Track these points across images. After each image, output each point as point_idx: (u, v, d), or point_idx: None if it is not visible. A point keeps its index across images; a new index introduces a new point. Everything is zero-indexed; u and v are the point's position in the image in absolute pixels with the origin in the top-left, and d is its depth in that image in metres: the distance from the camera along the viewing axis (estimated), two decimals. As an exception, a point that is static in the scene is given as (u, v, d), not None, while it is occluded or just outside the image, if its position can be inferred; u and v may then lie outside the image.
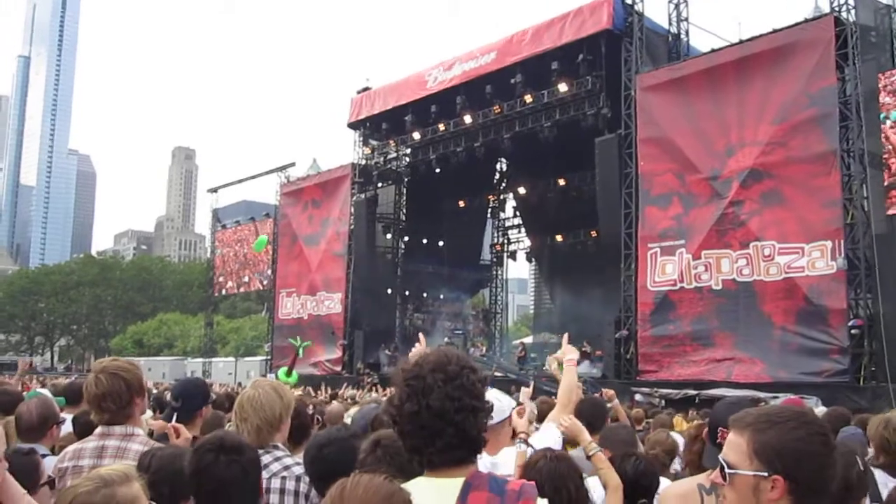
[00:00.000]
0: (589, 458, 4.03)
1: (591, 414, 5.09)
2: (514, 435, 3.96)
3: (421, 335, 4.63)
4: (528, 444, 3.86)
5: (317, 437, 3.85)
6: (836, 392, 18.72)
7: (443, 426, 2.23)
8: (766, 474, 2.01)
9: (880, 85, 20.75)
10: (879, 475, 3.99)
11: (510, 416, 3.97)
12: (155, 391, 12.35)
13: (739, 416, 2.15)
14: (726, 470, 2.09)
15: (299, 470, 3.56)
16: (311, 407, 5.72)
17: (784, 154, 21.87)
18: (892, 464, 4.09)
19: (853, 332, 20.21)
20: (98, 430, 3.82)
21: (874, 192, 20.72)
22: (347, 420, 7.13)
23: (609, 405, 7.33)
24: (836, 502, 2.97)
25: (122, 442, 3.72)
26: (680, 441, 6.13)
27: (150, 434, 4.21)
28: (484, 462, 3.24)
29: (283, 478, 3.51)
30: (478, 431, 2.31)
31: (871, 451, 4.48)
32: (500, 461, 3.70)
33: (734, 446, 2.11)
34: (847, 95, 21.02)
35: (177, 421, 4.32)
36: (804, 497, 2.00)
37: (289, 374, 11.67)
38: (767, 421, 2.08)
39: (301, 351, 22.46)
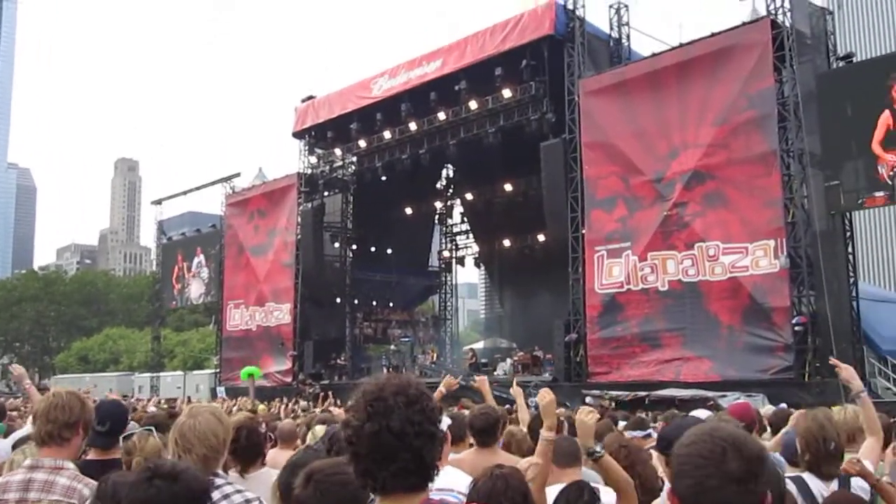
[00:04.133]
0: (595, 460, 3.97)
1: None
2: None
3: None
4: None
5: (296, 462, 3.75)
6: (783, 389, 19.02)
7: (400, 449, 2.19)
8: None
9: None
10: (812, 482, 3.91)
11: (446, 435, 3.92)
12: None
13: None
14: None
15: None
16: (263, 425, 5.61)
17: (725, 155, 22.22)
18: (817, 464, 3.99)
19: (797, 328, 20.58)
20: (27, 462, 3.73)
21: (814, 191, 21.11)
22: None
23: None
24: None
25: (50, 475, 3.62)
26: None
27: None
28: None
29: None
30: (432, 459, 2.28)
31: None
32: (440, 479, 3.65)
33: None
34: (785, 97, 21.43)
35: (102, 446, 4.22)
36: None
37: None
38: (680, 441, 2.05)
39: (257, 375, 22.34)
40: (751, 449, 1.91)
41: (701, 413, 4.49)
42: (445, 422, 3.83)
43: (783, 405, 13.67)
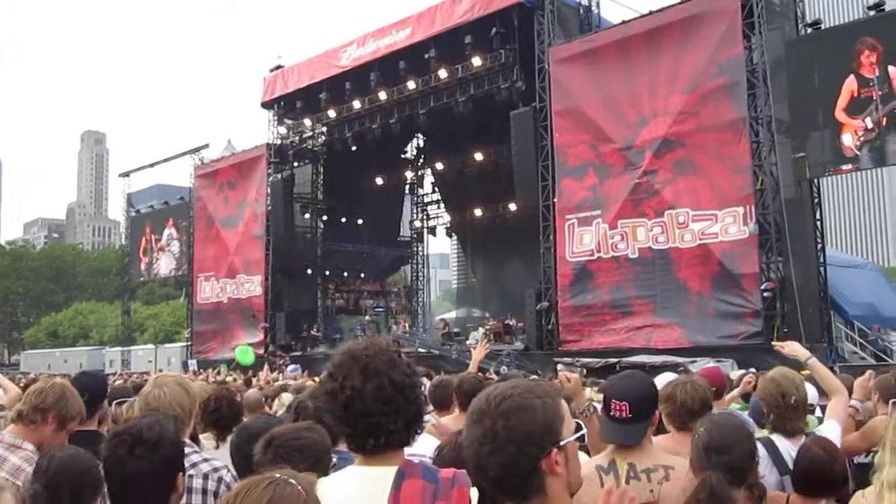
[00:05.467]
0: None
1: None
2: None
3: None
4: None
5: (245, 428, 3.73)
6: (751, 354, 19.20)
7: (405, 402, 2.24)
8: None
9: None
10: (780, 443, 3.93)
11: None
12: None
13: None
14: None
15: (225, 473, 3.46)
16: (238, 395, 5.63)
17: (695, 123, 22.29)
18: (781, 421, 4.01)
19: (765, 294, 20.78)
20: None
21: (782, 158, 21.23)
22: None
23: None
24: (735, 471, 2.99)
25: (5, 451, 3.61)
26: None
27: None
28: None
29: (207, 477, 3.41)
30: (422, 408, 2.35)
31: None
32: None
33: None
34: (754, 64, 21.48)
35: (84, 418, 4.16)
36: None
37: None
38: None
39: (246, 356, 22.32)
40: None
41: (667, 375, 4.49)
42: None
43: (752, 370, 13.85)
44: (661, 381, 4.12)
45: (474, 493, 2.13)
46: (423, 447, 3.54)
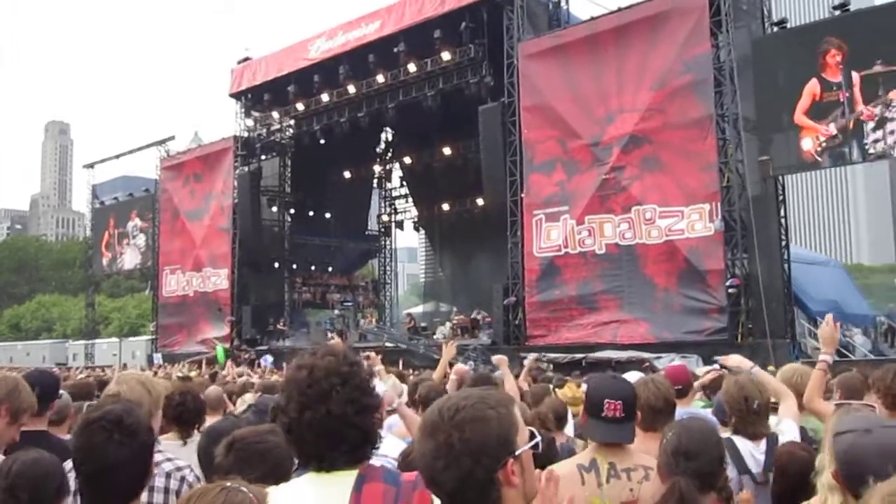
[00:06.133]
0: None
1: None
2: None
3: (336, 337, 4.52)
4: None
5: (213, 429, 3.69)
6: (716, 350, 19.24)
7: (346, 429, 2.20)
8: None
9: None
10: (741, 443, 3.96)
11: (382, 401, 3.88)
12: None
13: None
14: None
15: (188, 473, 3.43)
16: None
17: (662, 120, 22.41)
18: (743, 425, 4.05)
19: (730, 291, 20.97)
20: None
21: (748, 156, 21.41)
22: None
23: (498, 373, 7.33)
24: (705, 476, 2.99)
25: None
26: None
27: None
28: None
29: (170, 476, 3.38)
30: (375, 429, 2.31)
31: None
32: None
33: None
34: (721, 62, 21.62)
35: (36, 413, 4.09)
36: None
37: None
38: None
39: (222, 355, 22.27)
40: None
41: (633, 375, 4.51)
42: (380, 386, 3.80)
43: (716, 366, 13.96)
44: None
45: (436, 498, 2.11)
46: (389, 448, 3.52)
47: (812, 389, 4.56)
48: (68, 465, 2.70)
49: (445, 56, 27.72)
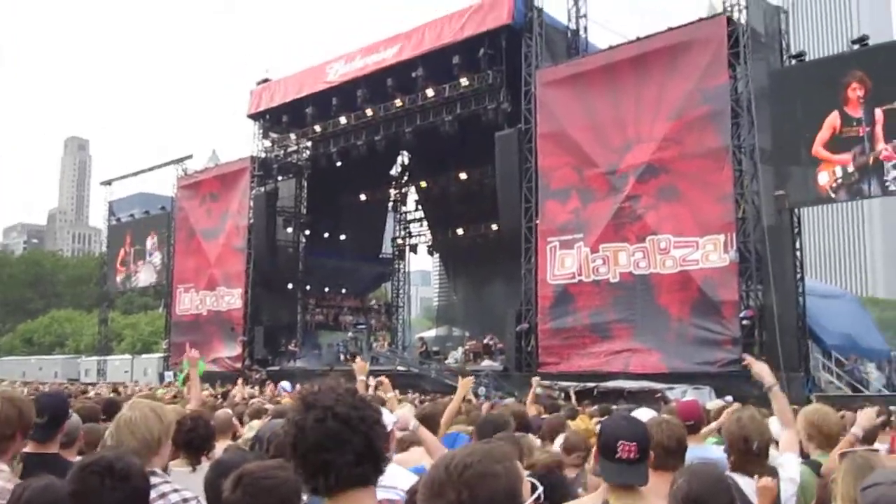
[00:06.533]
0: None
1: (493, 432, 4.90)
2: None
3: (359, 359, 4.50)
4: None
5: (220, 463, 3.65)
6: (729, 381, 19.23)
7: (350, 434, 2.15)
8: None
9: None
10: (742, 482, 3.90)
11: (392, 432, 3.85)
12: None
13: None
14: None
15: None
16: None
17: (679, 150, 22.41)
18: (742, 464, 4.04)
19: (744, 322, 20.87)
20: None
21: (764, 187, 21.37)
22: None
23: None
24: None
25: None
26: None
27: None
28: None
29: None
30: (381, 446, 2.25)
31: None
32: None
33: None
34: (738, 93, 21.67)
35: (39, 439, 4.09)
36: None
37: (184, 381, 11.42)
38: None
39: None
40: None
41: (644, 413, 4.49)
42: (390, 418, 3.76)
43: (729, 398, 13.89)
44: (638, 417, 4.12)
45: None
46: (400, 480, 3.48)
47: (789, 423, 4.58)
48: None
49: (463, 82, 27.82)
